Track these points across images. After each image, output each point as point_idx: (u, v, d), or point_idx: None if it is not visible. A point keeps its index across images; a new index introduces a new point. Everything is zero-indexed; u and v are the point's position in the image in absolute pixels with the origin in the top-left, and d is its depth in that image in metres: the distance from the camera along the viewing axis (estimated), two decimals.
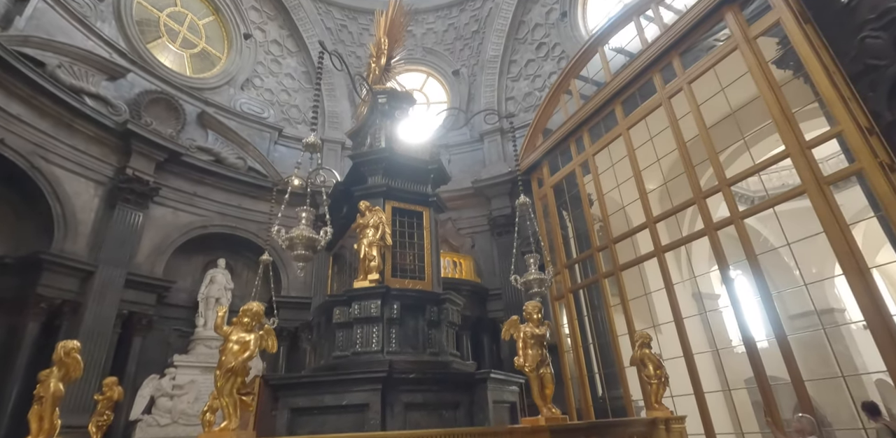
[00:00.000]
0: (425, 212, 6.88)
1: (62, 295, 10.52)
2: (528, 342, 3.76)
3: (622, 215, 11.99)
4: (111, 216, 11.55)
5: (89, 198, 11.51)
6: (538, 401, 3.67)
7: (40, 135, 10.88)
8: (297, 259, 4.88)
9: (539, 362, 3.68)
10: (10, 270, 10.42)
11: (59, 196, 10.95)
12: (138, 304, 11.60)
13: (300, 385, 5.05)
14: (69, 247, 10.86)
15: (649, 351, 5.39)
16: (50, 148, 11.00)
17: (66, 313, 10.57)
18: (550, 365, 3.77)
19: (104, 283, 10.95)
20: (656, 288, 10.46)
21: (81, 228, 11.21)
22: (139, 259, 11.93)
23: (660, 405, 5.13)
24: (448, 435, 3.41)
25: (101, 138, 11.85)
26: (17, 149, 10.48)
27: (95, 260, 11.08)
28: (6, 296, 10.30)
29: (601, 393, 10.99)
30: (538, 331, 3.79)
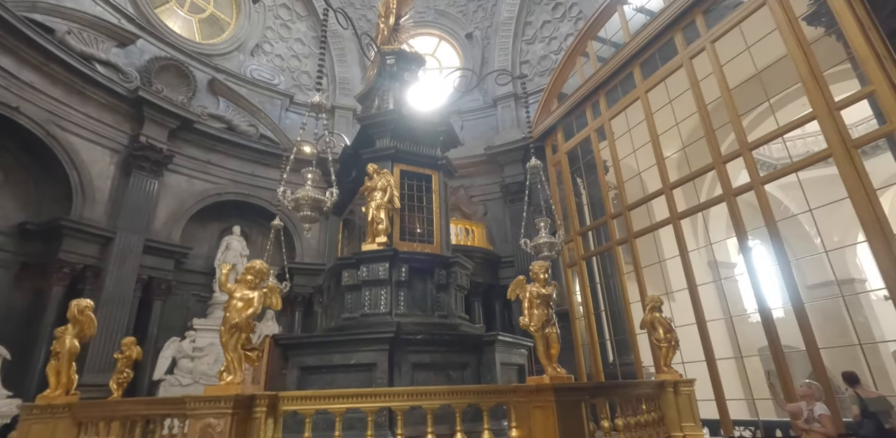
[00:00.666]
0: (434, 175, 6.75)
1: (83, 260, 10.75)
2: (533, 301, 3.69)
3: (637, 182, 11.71)
4: (127, 183, 11.65)
5: (105, 165, 11.60)
6: (543, 361, 3.63)
7: (54, 102, 10.89)
8: (303, 220, 4.83)
9: (545, 322, 3.62)
10: (33, 236, 10.67)
11: (75, 163, 11.05)
12: (157, 270, 11.82)
13: (309, 345, 5.10)
14: (88, 214, 11.02)
15: (660, 314, 5.30)
16: (64, 115, 11.02)
17: (89, 278, 10.82)
18: (556, 325, 3.70)
19: (123, 249, 11.15)
20: (671, 256, 10.30)
21: (99, 195, 11.34)
22: (156, 225, 12.08)
23: (669, 368, 5.08)
24: (451, 392, 3.40)
25: (114, 106, 11.83)
26: (33, 117, 10.52)
27: (114, 226, 11.25)
28: (31, 262, 10.59)
29: (612, 360, 11.02)
30: (544, 291, 3.72)
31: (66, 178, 10.97)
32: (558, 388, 3.34)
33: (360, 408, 3.36)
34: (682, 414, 4.77)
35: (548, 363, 3.62)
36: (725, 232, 17.64)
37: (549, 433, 3.28)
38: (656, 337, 5.22)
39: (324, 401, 3.36)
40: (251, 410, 3.21)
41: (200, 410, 3.11)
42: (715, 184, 12.23)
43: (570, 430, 3.27)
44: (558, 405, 3.29)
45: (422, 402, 3.38)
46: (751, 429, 8.82)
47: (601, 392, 3.98)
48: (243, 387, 3.24)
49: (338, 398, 3.35)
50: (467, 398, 3.43)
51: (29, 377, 9.73)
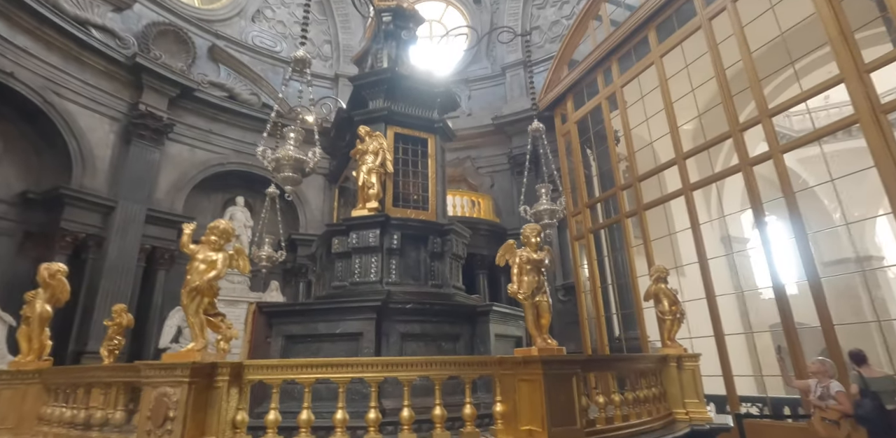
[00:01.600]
0: (430, 138, 6.34)
1: (85, 229, 10.61)
2: (523, 267, 3.35)
3: (649, 153, 11.16)
4: (128, 152, 11.43)
5: (105, 133, 11.34)
6: (533, 331, 3.31)
7: (50, 69, 10.58)
8: (284, 182, 4.50)
9: (535, 289, 3.27)
10: (34, 205, 10.54)
11: (74, 131, 10.81)
12: (160, 239, 11.68)
13: (293, 313, 4.84)
14: (88, 183, 10.84)
15: (665, 285, 4.93)
16: (61, 82, 10.72)
17: (91, 247, 10.71)
18: (547, 293, 3.36)
19: (125, 218, 11.01)
20: (682, 229, 9.85)
21: (99, 164, 11.13)
22: (158, 195, 11.89)
23: (672, 342, 4.74)
24: (429, 363, 3.10)
25: (112, 72, 11.50)
26: (29, 84, 10.24)
27: (115, 195, 11.09)
28: (34, 230, 10.49)
29: (618, 334, 10.73)
30: (535, 256, 3.36)
31: (65, 147, 10.76)
32: (547, 360, 3.02)
33: (331, 379, 3.08)
34: (685, 390, 4.45)
35: (537, 333, 3.29)
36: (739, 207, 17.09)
37: (535, 407, 2.98)
38: (661, 309, 4.86)
39: (291, 371, 3.08)
40: (212, 379, 2.94)
41: (155, 378, 2.85)
42: (731, 155, 11.64)
43: (558, 405, 2.96)
44: (546, 378, 2.98)
45: (397, 373, 3.09)
46: (758, 406, 8.52)
47: (595, 365, 3.66)
48: (204, 355, 2.97)
49: (306, 367, 3.07)
50: (447, 369, 3.12)
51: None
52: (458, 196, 13.40)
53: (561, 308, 12.28)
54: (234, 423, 2.97)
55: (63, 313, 10.27)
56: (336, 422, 3.02)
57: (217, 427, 2.86)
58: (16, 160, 10.71)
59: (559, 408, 2.96)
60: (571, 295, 12.03)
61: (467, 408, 3.10)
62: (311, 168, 4.56)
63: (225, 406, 2.92)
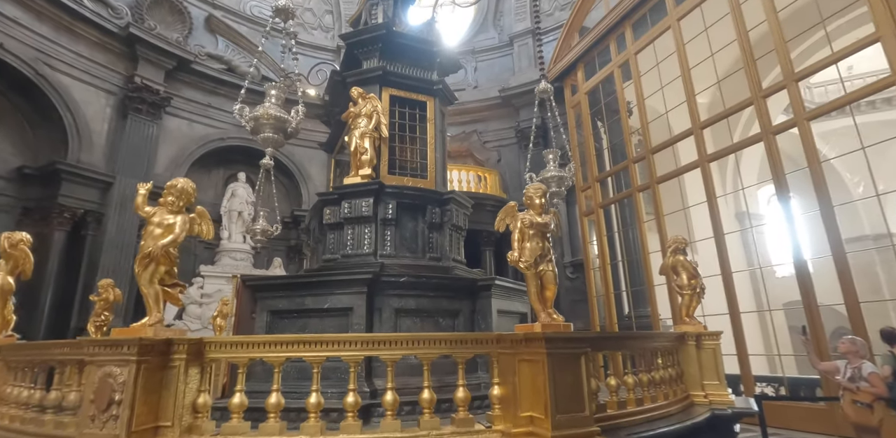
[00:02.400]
0: (429, 101, 5.81)
1: (83, 205, 10.32)
2: (525, 232, 2.88)
3: (663, 125, 10.50)
4: (124, 127, 11.03)
5: (100, 107, 10.93)
6: (536, 305, 2.87)
7: (41, 40, 10.11)
8: (264, 143, 4.05)
9: (539, 257, 2.81)
10: (31, 181, 10.24)
11: (69, 105, 10.40)
12: None
13: (279, 287, 4.44)
14: (85, 158, 10.48)
15: (683, 257, 4.44)
16: (53, 54, 10.26)
17: (90, 223, 10.44)
18: (553, 261, 2.90)
19: (123, 194, 10.67)
20: (696, 203, 9.28)
21: (96, 139, 10.75)
22: (157, 170, 11.52)
23: (691, 319, 4.28)
24: (416, 341, 2.68)
25: (106, 44, 11.01)
26: (20, 55, 9.80)
27: (113, 170, 10.75)
28: (32, 206, 10.21)
29: (627, 312, 10.29)
30: (539, 220, 2.89)
31: (61, 121, 10.37)
32: (551, 338, 2.57)
33: (304, 358, 2.67)
34: (704, 371, 4.00)
35: (541, 308, 2.84)
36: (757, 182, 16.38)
37: (537, 391, 2.55)
38: (678, 283, 4.38)
39: (258, 349, 2.68)
40: (168, 357, 2.54)
41: (100, 356, 2.45)
42: (750, 126, 10.95)
43: (564, 388, 2.53)
44: (550, 358, 2.54)
45: (379, 352, 2.67)
46: (773, 386, 8.07)
47: (607, 343, 3.20)
48: (157, 330, 2.56)
49: (275, 345, 2.66)
50: (437, 348, 2.70)
51: (35, 321, 9.55)
52: (463, 171, 12.88)
53: (569, 285, 11.85)
54: (194, 407, 2.58)
55: (64, 289, 10.08)
56: (309, 407, 2.62)
57: (173, 411, 2.48)
58: (11, 134, 10.36)
59: (565, 392, 2.53)
60: (580, 272, 11.57)
61: (460, 392, 2.68)
62: (293, 128, 4.09)
63: (182, 387, 2.53)
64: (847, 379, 4.42)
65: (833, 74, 8.78)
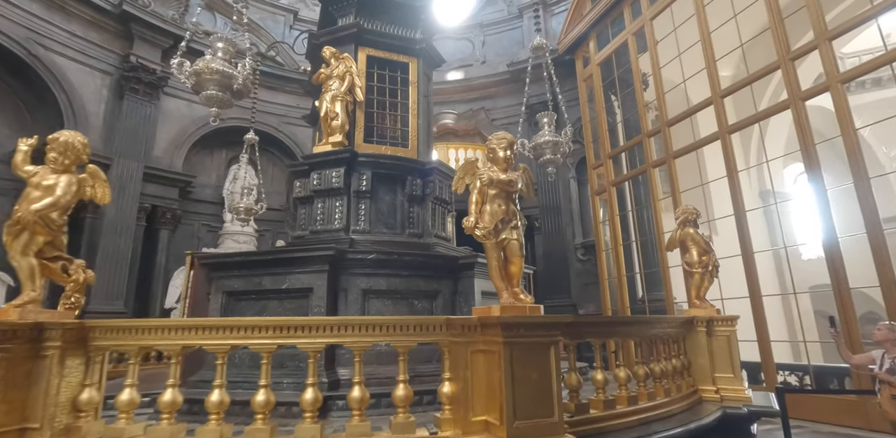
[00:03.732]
0: (412, 63, 5.18)
1: None
2: (485, 192, 2.28)
3: (680, 97, 9.62)
4: (121, 107, 10.64)
5: (96, 88, 10.55)
6: (497, 282, 2.28)
7: (33, 19, 9.72)
8: (208, 102, 3.50)
9: (501, 222, 2.21)
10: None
11: (63, 86, 10.03)
12: (161, 198, 11.05)
13: (234, 265, 3.93)
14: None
15: (694, 230, 3.76)
16: (46, 33, 9.87)
17: (89, 205, 10.12)
18: (520, 229, 2.28)
19: (122, 176, 10.34)
20: (716, 178, 8.48)
21: (92, 120, 10.40)
22: (157, 153, 11.16)
23: (702, 301, 3.63)
24: (347, 326, 2.13)
25: (100, 23, 10.58)
26: (11, 35, 9.42)
27: (110, 152, 10.39)
28: None
29: (641, 295, 9.60)
30: (502, 176, 2.28)
31: (56, 103, 10.03)
32: (510, 324, 1.99)
33: (205, 348, 2.14)
34: (715, 362, 3.36)
35: (504, 286, 2.25)
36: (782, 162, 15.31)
37: (493, 390, 1.98)
38: (687, 259, 3.72)
39: (154, 334, 2.16)
40: (38, 345, 2.04)
41: None
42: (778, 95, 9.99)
43: (526, 387, 1.96)
44: (509, 348, 1.96)
45: (297, 340, 2.12)
46: (797, 374, 7.33)
47: (587, 329, 2.56)
48: (24, 312, 2.06)
49: (172, 330, 2.13)
50: (370, 335, 2.14)
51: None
52: (469, 149, 12.21)
53: (580, 268, 11.19)
54: (75, 404, 2.09)
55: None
56: (255, 407, 2.09)
57: (42, 411, 1.98)
58: (8, 117, 10.07)
59: (527, 392, 1.95)
60: (591, 254, 10.88)
61: (400, 389, 2.12)
62: (240, 84, 3.53)
63: (56, 382, 2.03)
64: (885, 371, 3.73)
65: (868, 44, 7.82)
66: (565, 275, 11.05)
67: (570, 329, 2.28)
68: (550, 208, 11.62)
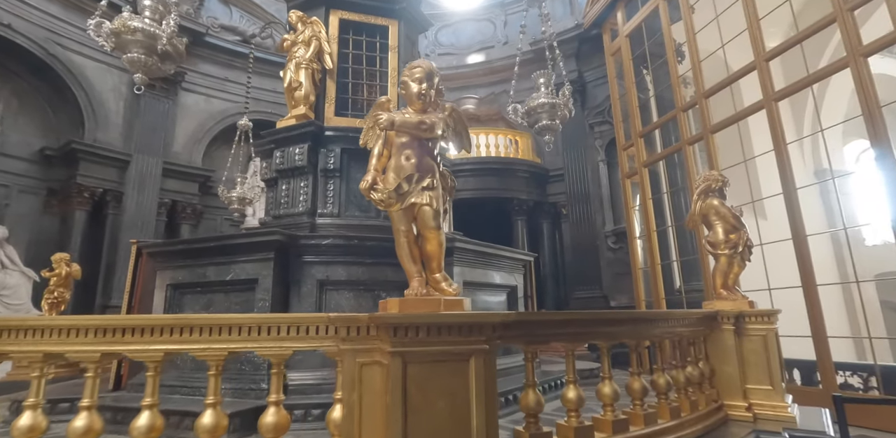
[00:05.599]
0: (392, 26, 4.53)
1: (102, 184, 10.03)
2: (393, 141, 1.63)
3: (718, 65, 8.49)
4: (140, 104, 10.58)
5: (115, 85, 10.53)
6: (407, 265, 1.62)
7: (51, 19, 9.74)
8: (133, 66, 3.02)
9: (407, 181, 1.53)
10: (54, 162, 10.06)
11: (82, 84, 10.05)
12: (181, 193, 10.96)
13: (177, 254, 3.43)
14: (102, 137, 10.15)
15: (719, 202, 2.93)
16: (64, 33, 9.89)
17: (110, 202, 10.15)
18: (439, 191, 1.60)
19: (141, 172, 10.30)
20: (762, 152, 7.37)
21: (112, 117, 10.39)
22: (176, 148, 11.06)
23: (730, 291, 2.82)
24: (188, 327, 1.53)
25: None
26: (29, 36, 9.46)
27: (130, 149, 10.36)
28: (56, 188, 10.06)
29: (678, 285, 8.60)
30: (409, 117, 1.61)
31: (77, 101, 10.06)
32: (402, 325, 1.33)
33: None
34: (748, 370, 2.55)
35: (415, 270, 1.59)
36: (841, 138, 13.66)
37: (381, 419, 1.33)
38: (710, 238, 2.90)
39: None
40: None
41: None
42: (838, 51, 8.65)
43: (429, 418, 1.30)
44: (400, 361, 1.30)
45: (125, 346, 1.53)
46: (860, 376, 6.21)
47: (543, 332, 1.76)
48: None
49: None
50: (223, 340, 1.53)
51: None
52: (491, 134, 11.46)
53: (611, 257, 10.25)
54: None
55: (89, 267, 9.88)
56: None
57: None
58: (33, 117, 10.17)
59: (430, 426, 1.29)
60: (623, 241, 9.93)
61: (206, 417, 1.49)
62: (165, 45, 3.01)
63: None
64: None
65: None
66: (595, 265, 10.15)
67: (509, 332, 1.59)
68: (578, 194, 10.72)
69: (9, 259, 8.88)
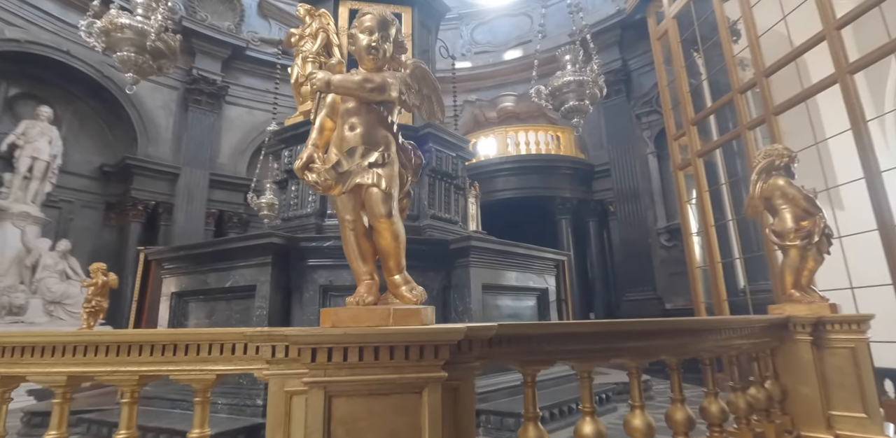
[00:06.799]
0: (406, 13, 4.24)
1: (154, 197, 10.42)
2: (337, 107, 1.28)
3: (780, 40, 7.60)
4: (187, 119, 10.97)
5: (164, 103, 10.96)
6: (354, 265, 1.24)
7: None
8: (123, 66, 2.84)
9: (350, 154, 1.17)
10: (112, 177, 10.58)
11: (134, 103, 10.51)
12: (227, 203, 11.22)
13: (180, 260, 3.25)
14: (153, 152, 10.56)
15: (786, 181, 2.35)
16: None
17: (162, 213, 10.52)
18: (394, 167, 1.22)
19: (189, 184, 10.64)
20: (836, 133, 6.46)
21: (162, 133, 10.81)
22: (222, 160, 11.35)
23: (804, 292, 2.24)
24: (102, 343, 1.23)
25: None
26: (85, 60, 9.99)
27: (179, 162, 10.72)
28: (113, 201, 10.57)
29: (743, 285, 7.72)
30: (354, 77, 1.26)
31: (129, 119, 10.54)
32: (322, 346, 0.96)
33: None
34: (832, 392, 1.97)
35: (363, 272, 1.22)
36: None
37: None
38: (776, 227, 2.34)
39: None
40: None
41: None
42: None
43: None
44: (321, 394, 0.94)
45: (25, 368, 1.26)
46: None
47: (541, 346, 1.31)
48: None
49: None
50: (132, 362, 1.22)
51: (120, 306, 9.78)
52: (531, 131, 10.97)
53: (665, 255, 9.44)
54: None
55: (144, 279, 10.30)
56: None
57: None
58: (92, 136, 10.74)
59: None
60: (677, 239, 9.11)
61: None
62: (154, 41, 2.83)
63: None
64: None
65: None
66: (647, 265, 9.39)
67: (498, 349, 1.17)
68: (626, 190, 10.00)
69: (72, 270, 9.31)
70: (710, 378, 1.93)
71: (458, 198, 4.11)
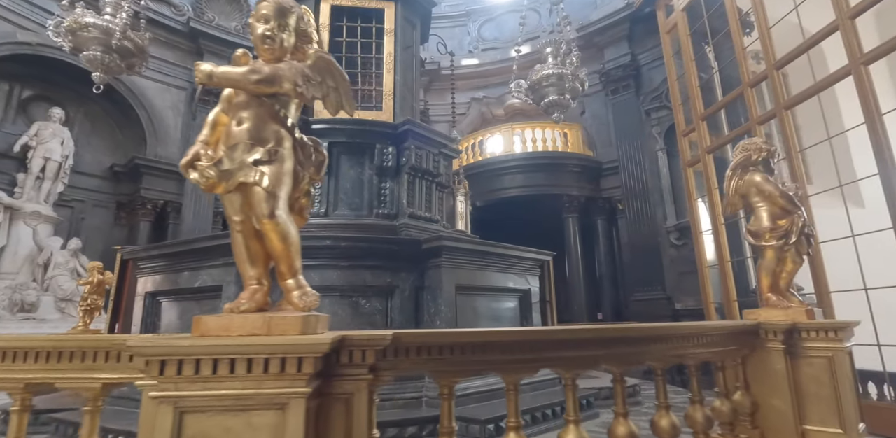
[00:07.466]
0: (388, 8, 4.14)
1: (162, 196, 10.57)
2: (231, 99, 1.19)
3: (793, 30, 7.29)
4: (194, 119, 11.08)
5: (173, 103, 11.10)
6: (242, 268, 1.16)
7: None
8: (90, 65, 2.81)
9: (233, 150, 1.07)
10: (122, 177, 10.78)
11: (144, 104, 10.69)
12: None
13: (154, 259, 3.22)
14: (162, 152, 10.71)
15: (763, 177, 2.19)
16: None
17: (171, 213, 10.66)
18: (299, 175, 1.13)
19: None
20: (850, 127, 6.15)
21: (171, 133, 10.95)
22: None
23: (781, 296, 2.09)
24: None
25: (173, 42, 11.11)
26: None
27: None
28: (123, 201, 10.76)
29: (754, 286, 7.44)
30: (238, 68, 1.17)
31: (139, 120, 10.71)
32: (172, 358, 0.88)
33: None
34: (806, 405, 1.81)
35: (250, 276, 1.15)
36: None
37: None
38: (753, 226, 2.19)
39: None
40: None
41: None
42: None
43: None
44: (169, 408, 0.86)
45: None
46: None
47: (454, 356, 1.19)
48: None
49: None
50: (14, 369, 1.16)
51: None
52: (538, 128, 10.79)
53: (675, 254, 9.19)
54: None
55: None
56: None
57: None
58: (103, 137, 10.95)
59: None
60: (687, 237, 8.85)
61: None
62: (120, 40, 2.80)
63: None
64: None
65: None
66: (657, 264, 9.15)
67: (404, 359, 1.07)
68: (635, 187, 9.76)
69: (83, 268, 9.49)
70: (695, 385, 1.81)
71: (442, 196, 4.01)
